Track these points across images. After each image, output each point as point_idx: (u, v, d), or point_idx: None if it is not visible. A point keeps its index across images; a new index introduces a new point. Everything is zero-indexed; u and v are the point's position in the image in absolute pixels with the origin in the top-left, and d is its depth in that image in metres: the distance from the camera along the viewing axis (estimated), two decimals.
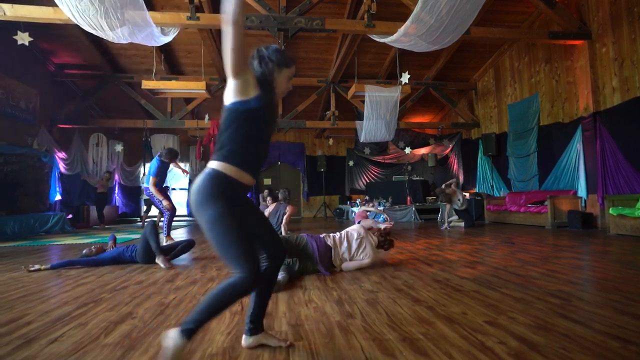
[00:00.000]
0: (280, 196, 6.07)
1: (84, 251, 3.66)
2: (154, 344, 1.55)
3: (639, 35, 5.47)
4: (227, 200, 1.31)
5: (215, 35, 7.66)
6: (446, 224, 6.95)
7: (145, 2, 4.82)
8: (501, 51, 8.79)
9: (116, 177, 11.08)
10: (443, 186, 7.28)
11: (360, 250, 3.08)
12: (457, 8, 4.69)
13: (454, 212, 7.15)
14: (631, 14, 5.58)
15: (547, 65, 7.50)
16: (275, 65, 1.46)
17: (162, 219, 8.43)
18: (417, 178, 10.48)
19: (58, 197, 8.59)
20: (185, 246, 3.77)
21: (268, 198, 6.39)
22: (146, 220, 8.45)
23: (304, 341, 1.55)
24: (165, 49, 8.31)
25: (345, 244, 3.09)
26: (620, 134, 5.75)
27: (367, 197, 9.14)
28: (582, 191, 6.44)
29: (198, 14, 5.48)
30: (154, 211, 8.55)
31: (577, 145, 6.54)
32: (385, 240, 3.19)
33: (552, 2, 6.19)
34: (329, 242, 3.07)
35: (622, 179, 5.67)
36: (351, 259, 3.07)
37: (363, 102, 8.15)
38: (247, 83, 1.36)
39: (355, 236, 3.12)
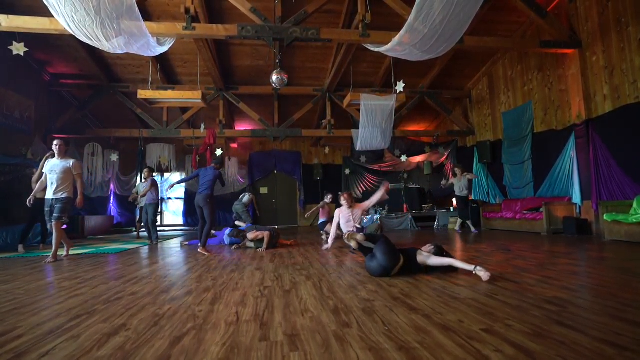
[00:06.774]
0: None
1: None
2: (148, 356, 1.52)
3: (628, 45, 5.58)
4: None
5: (211, 44, 7.71)
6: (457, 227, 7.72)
7: (141, 13, 4.86)
8: (495, 60, 8.92)
9: (111, 186, 11.01)
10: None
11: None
12: (450, 17, 4.76)
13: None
14: (619, 24, 5.70)
15: (539, 74, 7.61)
16: None
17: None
18: (414, 186, 10.51)
19: None
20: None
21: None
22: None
23: (300, 352, 1.53)
24: (161, 59, 8.36)
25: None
26: (612, 140, 5.83)
27: None
28: (576, 197, 6.48)
29: (194, 24, 5.52)
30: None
31: (570, 152, 6.60)
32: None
33: (543, 12, 6.32)
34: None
35: (615, 185, 5.72)
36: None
37: (359, 110, 8.21)
38: None
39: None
